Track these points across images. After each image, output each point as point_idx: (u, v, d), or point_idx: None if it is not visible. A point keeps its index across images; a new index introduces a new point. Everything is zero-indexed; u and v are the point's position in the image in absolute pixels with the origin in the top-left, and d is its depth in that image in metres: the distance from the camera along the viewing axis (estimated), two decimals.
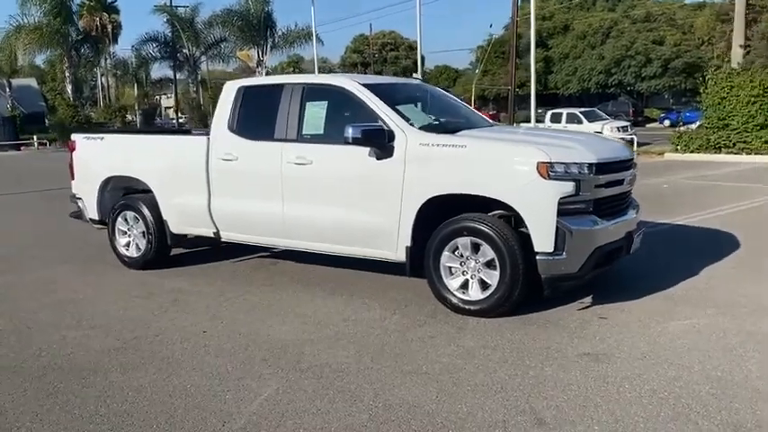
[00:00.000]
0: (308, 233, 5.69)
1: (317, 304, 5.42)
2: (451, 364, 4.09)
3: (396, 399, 3.59)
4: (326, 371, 4.03)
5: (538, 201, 4.60)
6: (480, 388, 3.71)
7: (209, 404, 3.62)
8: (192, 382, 3.92)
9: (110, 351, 4.50)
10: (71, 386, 3.93)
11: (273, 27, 39.43)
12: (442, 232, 5.00)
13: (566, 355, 4.16)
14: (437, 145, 5.01)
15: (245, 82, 6.27)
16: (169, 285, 6.15)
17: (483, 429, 3.23)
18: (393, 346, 4.44)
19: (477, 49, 59.99)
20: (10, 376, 4.11)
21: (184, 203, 6.33)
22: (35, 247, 8.23)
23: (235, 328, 4.91)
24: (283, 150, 5.66)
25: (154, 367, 4.18)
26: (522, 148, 4.92)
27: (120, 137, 7.84)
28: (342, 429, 3.28)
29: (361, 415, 3.43)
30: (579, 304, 5.15)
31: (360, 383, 3.82)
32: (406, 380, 3.85)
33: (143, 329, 4.93)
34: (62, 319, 5.25)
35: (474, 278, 4.94)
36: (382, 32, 68.39)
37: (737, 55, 19.84)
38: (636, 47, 45.19)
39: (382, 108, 5.30)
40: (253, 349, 4.43)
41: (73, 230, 8.44)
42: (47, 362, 4.34)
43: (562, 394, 3.59)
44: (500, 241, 4.74)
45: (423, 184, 5.00)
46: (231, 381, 3.93)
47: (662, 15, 47.96)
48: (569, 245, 4.60)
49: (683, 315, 4.85)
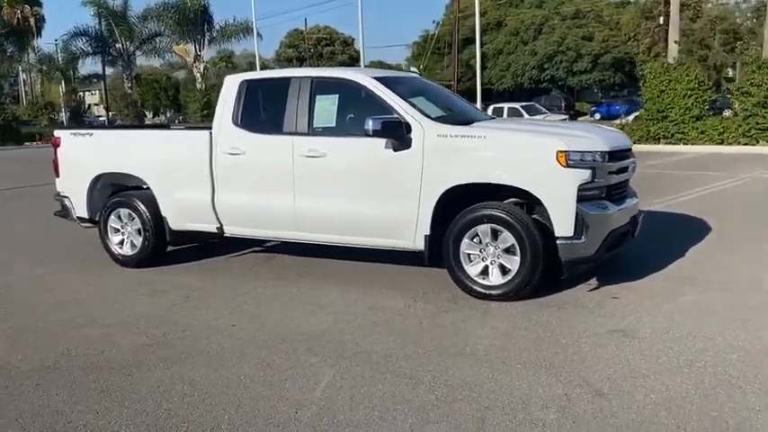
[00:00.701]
0: (320, 225, 5.74)
1: (335, 295, 5.48)
2: (492, 345, 4.26)
3: (455, 379, 3.73)
4: (375, 357, 4.12)
5: (558, 188, 4.82)
6: (530, 366, 3.90)
7: (272, 393, 3.66)
8: (243, 374, 3.94)
9: (143, 348, 4.45)
10: (120, 383, 3.88)
11: (210, 21, 38.70)
12: (461, 220, 5.16)
13: (596, 333, 4.40)
14: (456, 136, 5.16)
15: (248, 76, 6.25)
16: (173, 282, 6.08)
17: (549, 403, 3.41)
18: (429, 330, 4.58)
19: (414, 44, 60.64)
20: (48, 376, 4.02)
21: (186, 199, 6.25)
22: (17, 247, 7.93)
23: (261, 321, 4.93)
24: (294, 143, 5.68)
25: (198, 361, 4.17)
26: (541, 138, 5.14)
27: (113, 132, 7.64)
28: (416, 410, 3.40)
29: (428, 395, 3.56)
30: (586, 286, 5.41)
31: (413, 367, 3.94)
32: (457, 361, 4.00)
33: (167, 326, 4.87)
34: (73, 319, 5.13)
35: (494, 264, 5.13)
36: (317, 27, 68.05)
37: (673, 50, 20.91)
38: (567, 43, 46.75)
39: (397, 101, 5.41)
40: (291, 340, 4.47)
41: (49, 229, 8.17)
42: (82, 361, 4.26)
43: (608, 368, 3.82)
44: (520, 227, 4.94)
45: (443, 174, 5.14)
46: (283, 371, 3.97)
47: (590, 12, 49.73)
48: (587, 229, 4.85)
49: (688, 293, 5.19)
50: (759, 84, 17.15)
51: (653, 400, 3.40)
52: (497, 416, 3.30)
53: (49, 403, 3.66)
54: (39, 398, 3.73)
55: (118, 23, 37.62)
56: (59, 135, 7.00)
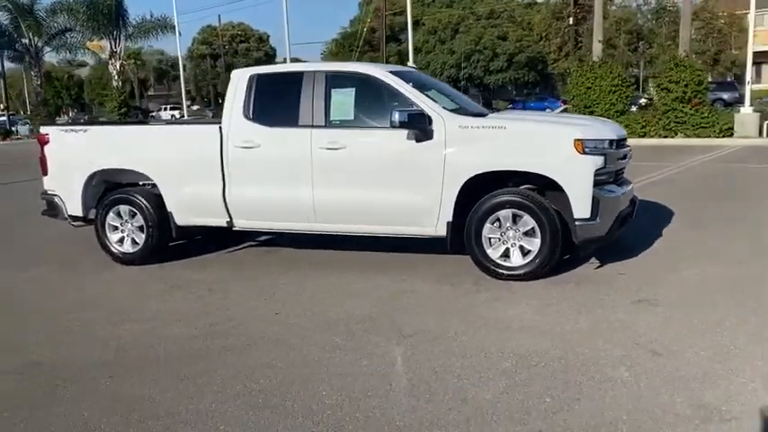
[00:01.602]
0: (340, 215, 5.91)
1: (360, 282, 5.68)
2: (536, 319, 4.60)
3: (523, 350, 4.04)
4: (433, 334, 4.37)
5: (577, 174, 5.23)
6: (582, 334, 4.27)
7: (356, 371, 3.84)
8: (317, 355, 4.09)
9: (198, 338, 4.50)
10: (198, 370, 3.94)
11: (125, 16, 37.31)
12: (483, 206, 5.48)
13: (623, 303, 4.84)
14: (477, 127, 5.48)
15: (257, 70, 6.30)
16: (186, 277, 6.08)
17: (618, 364, 3.78)
18: (468, 309, 4.87)
19: (332, 42, 60.66)
20: (116, 369, 4.02)
21: (194, 194, 6.25)
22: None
23: (304, 308, 5.06)
24: (313, 136, 5.82)
25: (264, 347, 4.28)
26: (558, 127, 5.54)
27: (111, 129, 7.44)
28: (501, 376, 3.68)
29: (504, 363, 3.85)
30: (590, 265, 5.86)
31: (480, 341, 4.22)
32: (515, 335, 4.31)
33: (208, 318, 4.92)
34: (106, 316, 5.08)
35: (514, 246, 5.49)
36: (231, 24, 66.84)
37: (597, 48, 22.16)
38: (483, 42, 48.22)
39: (417, 94, 5.67)
40: (344, 324, 4.65)
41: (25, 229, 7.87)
42: (143, 353, 4.28)
43: (652, 332, 4.24)
44: (540, 211, 5.32)
45: (466, 163, 5.44)
46: (354, 350, 4.15)
47: (504, 12, 51.50)
48: (601, 211, 5.29)
49: (685, 267, 5.72)
50: (677, 80, 18.49)
51: (704, 357, 3.83)
52: (577, 377, 3.63)
53: (136, 393, 3.69)
54: (121, 389, 3.75)
55: (24, 17, 35.57)
56: (47, 132, 6.79)
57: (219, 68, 64.16)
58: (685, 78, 18.35)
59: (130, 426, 3.31)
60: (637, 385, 3.50)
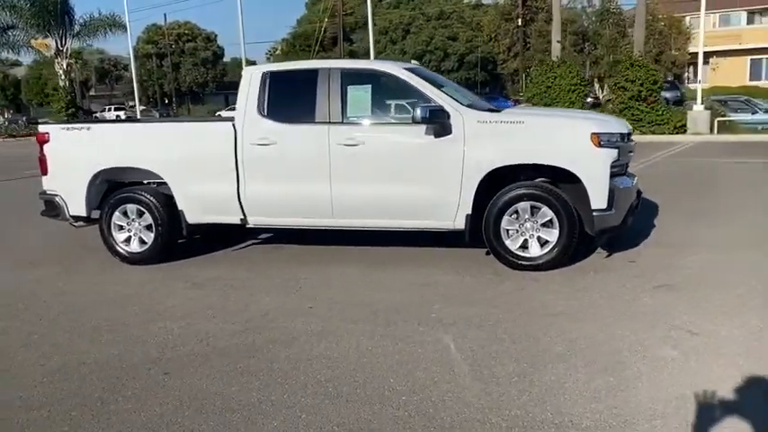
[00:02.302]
0: (358, 211, 5.98)
1: (382, 276, 5.77)
2: (570, 305, 4.79)
3: (569, 334, 4.21)
4: (475, 321, 4.50)
5: (595, 166, 5.45)
6: (617, 318, 4.47)
7: (413, 358, 3.93)
8: (368, 345, 4.17)
9: (239, 334, 4.51)
10: (255, 364, 3.97)
11: (71, 14, 36.15)
12: (501, 199, 5.65)
13: (645, 289, 5.08)
14: (495, 122, 5.64)
15: (269, 67, 6.30)
16: (203, 275, 6.03)
17: (663, 344, 3.99)
18: (501, 298, 5.03)
19: (282, 41, 60.24)
20: (169, 366, 4.00)
21: (207, 192, 6.22)
22: None
23: (335, 301, 5.12)
24: (330, 132, 5.87)
25: (310, 340, 4.32)
26: (574, 121, 5.76)
27: (118, 126, 7.28)
28: (559, 359, 3.84)
29: (555, 348, 4.01)
30: (600, 255, 6.10)
31: (523, 327, 4.37)
32: (556, 320, 4.48)
33: (242, 314, 4.93)
34: (129, 314, 5.01)
35: (532, 237, 5.67)
36: (177, 23, 65.42)
37: (556, 48, 22.76)
38: (434, 42, 48.80)
39: (433, 91, 5.80)
40: (383, 314, 4.73)
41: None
42: (189, 350, 4.25)
43: (682, 314, 4.48)
44: (558, 203, 5.53)
45: (486, 157, 5.59)
46: (402, 339, 4.24)
47: (453, 13, 52.20)
48: (616, 201, 5.53)
49: (691, 254, 6.03)
50: (633, 79, 19.20)
51: (739, 335, 4.09)
52: (629, 357, 3.82)
53: (200, 387, 3.69)
54: (183, 384, 3.74)
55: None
56: (47, 130, 6.62)
57: (166, 68, 62.82)
58: (641, 77, 19.08)
59: (209, 419, 3.32)
60: (688, 363, 3.72)
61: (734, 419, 3.09)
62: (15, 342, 4.54)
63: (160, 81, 64.30)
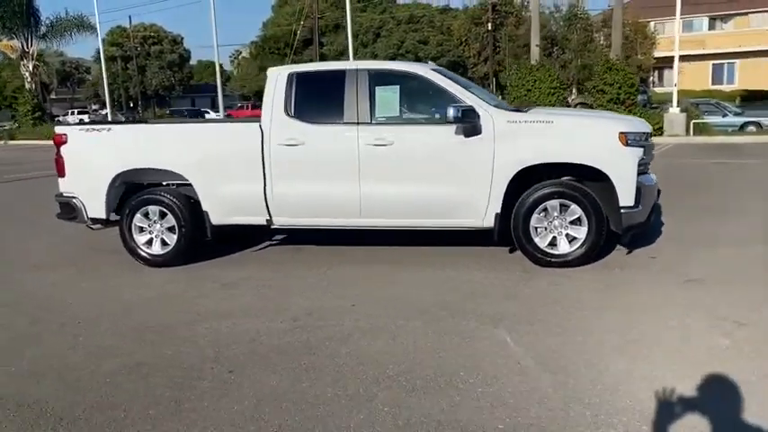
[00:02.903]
0: (387, 210, 6.03)
1: (413, 275, 5.83)
2: (609, 300, 4.92)
3: (621, 326, 4.34)
4: (523, 317, 4.59)
5: (623, 164, 5.60)
6: (661, 310, 4.62)
7: (476, 353, 4.01)
8: (425, 342, 4.23)
9: (291, 332, 4.52)
10: (318, 361, 3.99)
11: (37, 15, 35.38)
12: (531, 197, 5.76)
13: (675, 283, 5.25)
14: (524, 122, 5.76)
15: (296, 68, 6.31)
16: (234, 276, 6.01)
17: (713, 333, 4.14)
18: (539, 294, 5.13)
19: (251, 44, 59.86)
20: (232, 365, 4.00)
21: (233, 193, 6.20)
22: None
23: (375, 299, 5.16)
24: (359, 132, 5.92)
25: (365, 337, 4.36)
26: (601, 121, 5.91)
27: (140, 127, 7.16)
28: (619, 351, 3.95)
29: (613, 339, 4.13)
30: (619, 252, 6.25)
31: (572, 321, 4.48)
32: (603, 314, 4.61)
33: (288, 312, 4.93)
34: (169, 315, 4.98)
35: (561, 235, 5.80)
36: (143, 25, 64.42)
37: (535, 53, 23.08)
38: (406, 46, 49.02)
39: (462, 91, 5.89)
40: (428, 311, 4.80)
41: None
42: (246, 349, 4.25)
43: (722, 306, 4.64)
44: (586, 201, 5.67)
45: (516, 156, 5.70)
46: (457, 335, 4.31)
47: (423, 18, 52.52)
48: (642, 199, 5.69)
49: (705, 249, 6.23)
50: (611, 83, 19.64)
51: None
52: (685, 347, 3.96)
53: (271, 385, 3.70)
54: (253, 382, 3.74)
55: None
56: (64, 132, 6.52)
57: (131, 71, 61.81)
58: (618, 81, 19.53)
59: (293, 413, 3.34)
60: (743, 351, 3.87)
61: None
62: (61, 344, 4.47)
63: (125, 84, 63.21)
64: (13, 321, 5.00)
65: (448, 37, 51.31)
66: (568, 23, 47.73)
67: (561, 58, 47.24)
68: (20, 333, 4.74)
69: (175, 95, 65.52)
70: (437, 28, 52.43)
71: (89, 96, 72.79)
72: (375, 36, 51.51)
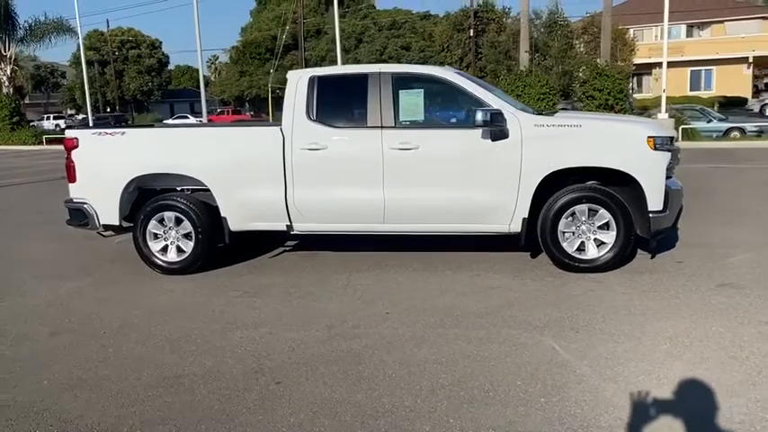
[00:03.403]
0: (412, 216, 5.93)
1: (438, 281, 5.73)
2: (648, 305, 4.87)
3: (667, 332, 4.28)
4: (566, 324, 4.53)
5: (652, 168, 5.57)
6: (702, 315, 4.58)
7: (528, 360, 3.93)
8: (474, 349, 4.13)
9: (330, 340, 4.40)
10: (366, 371, 3.88)
11: (13, 18, 34.71)
12: (559, 202, 5.71)
13: (709, 287, 5.22)
14: (552, 126, 5.70)
15: (317, 72, 6.18)
16: (253, 283, 5.89)
17: (762, 338, 4.11)
18: (576, 300, 5.06)
19: (232, 49, 59.49)
20: (277, 376, 3.87)
21: (252, 198, 6.05)
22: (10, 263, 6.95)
23: (409, 306, 5.05)
24: (384, 136, 5.82)
25: (408, 345, 4.26)
26: (630, 125, 5.87)
27: (156, 131, 6.97)
28: (670, 356, 3.90)
29: (663, 344, 4.07)
30: (643, 257, 6.22)
31: (618, 327, 4.42)
32: (646, 319, 4.55)
33: (322, 320, 4.81)
34: (200, 325, 4.83)
35: (589, 240, 5.75)
36: (120, 29, 63.64)
37: (524, 59, 23.20)
38: (388, 51, 49.05)
39: (487, 95, 5.82)
40: (468, 318, 4.71)
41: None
42: (288, 358, 4.13)
43: (764, 310, 4.61)
44: (615, 205, 5.63)
45: (544, 160, 5.64)
46: (503, 343, 4.22)
47: (405, 24, 52.63)
48: (670, 203, 5.67)
49: (728, 254, 6.22)
50: (601, 88, 19.79)
51: None
52: (739, 353, 3.91)
53: (324, 395, 3.58)
54: (304, 393, 3.62)
55: None
56: (76, 136, 6.32)
57: (109, 76, 61.04)
58: (608, 87, 19.68)
59: (354, 427, 3.23)
60: None
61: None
62: (90, 355, 4.30)
63: (103, 89, 62.34)
64: (34, 332, 4.81)
65: (430, 43, 51.46)
66: (549, 30, 48.31)
67: (542, 65, 47.75)
68: (44, 344, 4.55)
69: (154, 100, 64.76)
70: (419, 34, 52.57)
71: (65, 101, 71.68)
72: (357, 42, 51.49)
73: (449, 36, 49.45)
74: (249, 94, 55.96)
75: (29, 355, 4.37)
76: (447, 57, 50.68)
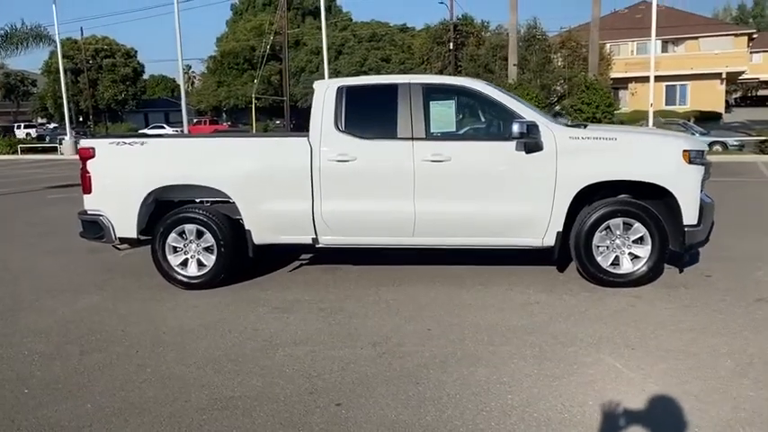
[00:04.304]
0: (443, 229, 5.81)
1: (474, 296, 5.62)
2: (693, 320, 4.82)
3: (722, 348, 4.23)
4: (621, 339, 4.44)
5: (688, 182, 5.53)
6: (752, 330, 4.53)
7: (590, 378, 3.84)
8: (531, 367, 4.03)
9: (378, 359, 4.26)
10: (424, 392, 3.75)
11: None
12: (593, 216, 5.64)
13: (749, 302, 5.19)
14: (587, 138, 5.64)
15: (345, 82, 6.06)
16: (281, 298, 5.71)
17: None
18: (620, 316, 4.98)
19: (210, 59, 59.03)
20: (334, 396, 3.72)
21: (279, 210, 5.89)
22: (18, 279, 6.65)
23: (451, 323, 4.92)
24: (415, 148, 5.71)
25: (463, 363, 4.14)
26: (666, 138, 5.84)
27: (178, 141, 6.77)
28: (734, 373, 3.83)
29: (723, 362, 4.00)
30: (671, 272, 6.15)
31: (673, 343, 4.35)
32: (697, 335, 4.49)
33: (364, 337, 4.66)
34: (243, 343, 4.65)
35: (623, 254, 5.70)
36: (94, 37, 62.72)
37: (512, 72, 23.35)
38: (369, 63, 49.12)
39: (520, 106, 5.75)
40: (516, 335, 4.61)
41: None
42: (341, 378, 3.98)
43: None
44: (650, 219, 5.58)
45: (579, 173, 5.57)
46: (563, 361, 4.12)
47: (385, 36, 52.80)
48: (703, 217, 5.64)
49: (755, 267, 6.22)
50: (589, 102, 19.97)
51: None
52: None
53: (389, 417, 3.44)
54: (367, 415, 3.48)
55: None
56: (92, 145, 6.09)
57: (82, 84, 60.02)
58: (596, 100, 19.86)
59: None
60: None
61: None
62: (130, 376, 4.09)
63: (76, 98, 61.28)
64: (62, 351, 4.57)
65: (409, 55, 51.66)
66: (528, 45, 48.86)
67: (521, 79, 48.24)
68: (76, 364, 4.32)
69: (128, 110, 63.86)
70: (399, 46, 52.77)
71: (35, 110, 70.34)
72: (337, 53, 51.45)
73: (429, 49, 49.66)
74: (227, 104, 55.52)
75: (62, 375, 4.14)
76: (427, 69, 50.91)
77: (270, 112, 54.81)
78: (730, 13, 77.24)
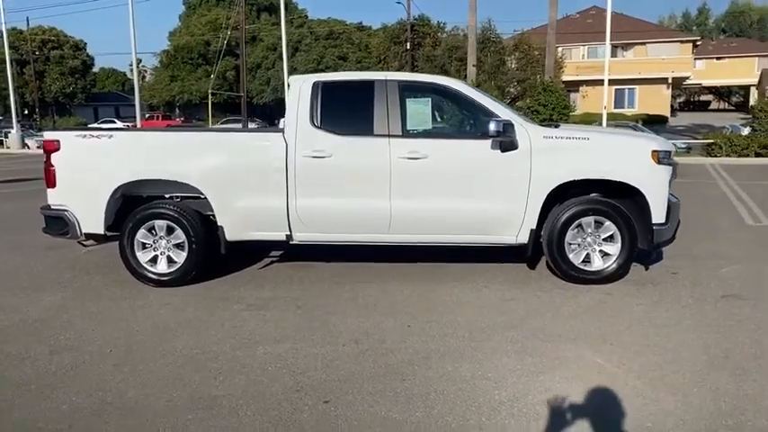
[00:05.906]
0: (418, 226, 5.82)
1: (448, 293, 5.64)
2: (665, 316, 4.94)
3: (696, 342, 4.35)
4: (598, 334, 4.53)
5: (657, 182, 5.68)
6: (726, 326, 4.67)
7: (579, 374, 3.89)
8: (515, 364, 4.06)
9: (363, 355, 4.24)
10: (412, 387, 3.74)
11: None
12: (566, 214, 5.74)
13: (714, 298, 5.36)
14: (561, 138, 5.73)
15: (320, 77, 6.00)
16: (254, 296, 5.62)
17: None
18: (594, 312, 5.07)
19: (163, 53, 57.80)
20: (322, 394, 3.68)
21: (252, 206, 5.80)
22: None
23: (428, 320, 4.93)
24: (391, 145, 5.70)
25: (447, 360, 4.15)
26: (636, 139, 5.97)
27: (149, 135, 6.50)
28: (714, 367, 3.95)
29: (702, 357, 4.12)
30: (638, 269, 6.31)
31: (650, 339, 4.45)
32: (672, 331, 4.61)
33: (345, 335, 4.63)
34: (216, 341, 4.55)
35: (594, 251, 5.81)
36: (41, 28, 60.68)
37: (472, 73, 23.54)
38: (326, 61, 48.93)
39: (495, 105, 5.81)
40: (497, 331, 4.64)
41: None
42: (327, 375, 3.94)
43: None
44: (620, 218, 5.71)
45: (553, 172, 5.65)
46: (545, 356, 4.18)
47: (343, 34, 52.66)
48: (671, 216, 5.80)
49: (718, 265, 6.42)
50: (545, 104, 20.32)
51: None
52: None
53: (379, 414, 3.42)
54: (360, 412, 3.46)
55: None
56: (57, 138, 5.88)
57: (28, 76, 57.96)
58: (552, 102, 20.22)
59: None
60: None
61: None
62: (106, 376, 3.96)
63: (21, 90, 59.12)
64: (31, 350, 4.39)
65: (367, 54, 51.66)
66: (482, 47, 49.42)
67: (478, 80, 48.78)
68: (47, 364, 4.16)
69: (77, 103, 62.02)
70: (356, 45, 52.73)
71: None
72: (294, 50, 51.08)
73: (386, 48, 49.72)
74: (181, 99, 54.47)
75: (34, 376, 3.98)
76: (384, 68, 50.84)
77: (225, 108, 54.03)
78: (675, 20, 79.84)
